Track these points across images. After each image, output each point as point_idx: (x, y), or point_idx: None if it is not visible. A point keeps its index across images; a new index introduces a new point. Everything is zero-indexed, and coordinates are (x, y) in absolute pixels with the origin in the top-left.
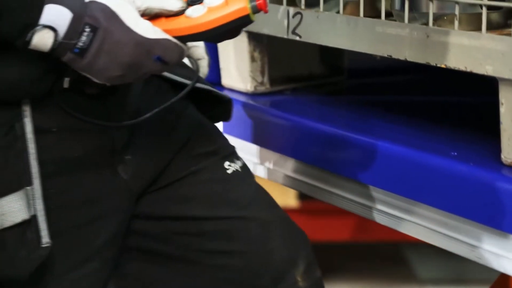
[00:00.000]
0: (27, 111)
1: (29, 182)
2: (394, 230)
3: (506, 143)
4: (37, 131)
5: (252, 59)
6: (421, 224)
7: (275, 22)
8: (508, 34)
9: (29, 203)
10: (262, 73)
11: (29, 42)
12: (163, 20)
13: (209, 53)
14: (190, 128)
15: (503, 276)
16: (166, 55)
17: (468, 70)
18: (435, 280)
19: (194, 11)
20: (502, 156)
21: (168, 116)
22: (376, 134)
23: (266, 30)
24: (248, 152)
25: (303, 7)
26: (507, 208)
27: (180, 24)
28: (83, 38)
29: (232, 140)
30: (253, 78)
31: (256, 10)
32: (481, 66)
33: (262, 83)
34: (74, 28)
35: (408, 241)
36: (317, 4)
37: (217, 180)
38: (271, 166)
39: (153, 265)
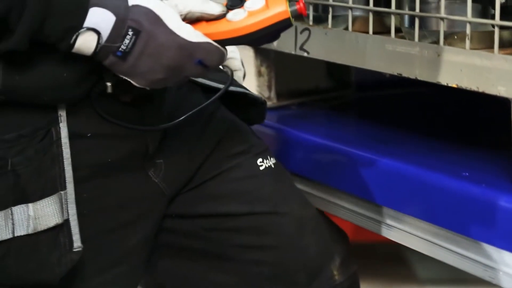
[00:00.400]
0: (63, 116)
1: (63, 187)
2: None
3: None
4: (72, 136)
5: (259, 74)
6: (434, 242)
7: (282, 38)
8: None
9: (62, 207)
10: (269, 87)
11: (72, 45)
12: (204, 23)
13: None
14: (222, 129)
15: None
16: (208, 58)
17: (480, 90)
18: (435, 280)
19: (235, 15)
20: None
21: (200, 119)
22: (385, 151)
23: (273, 46)
24: None
25: (311, 23)
26: None
27: (221, 28)
28: (126, 41)
29: None
30: (260, 93)
31: (296, 13)
32: (493, 87)
33: (269, 98)
34: (118, 31)
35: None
36: (325, 20)
37: (250, 177)
38: None
39: (187, 262)
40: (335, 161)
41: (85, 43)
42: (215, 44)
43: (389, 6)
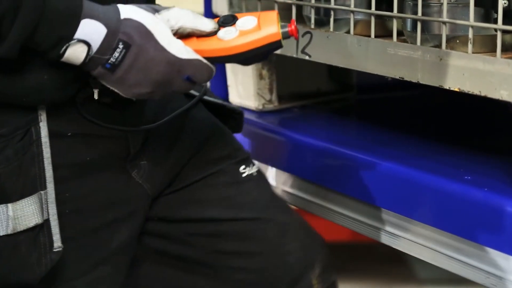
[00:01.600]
0: (43, 116)
1: (43, 186)
2: None
3: None
4: (52, 135)
5: (260, 76)
6: (434, 249)
7: (284, 41)
8: None
9: (42, 207)
10: (271, 90)
11: (62, 55)
12: (194, 39)
13: (217, 69)
14: (205, 132)
15: None
16: (196, 75)
17: (483, 94)
18: (435, 280)
19: (226, 33)
20: None
21: (182, 122)
22: (386, 154)
23: None
24: None
25: (312, 26)
26: None
27: (211, 45)
28: (116, 54)
29: None
30: (261, 96)
31: (287, 35)
32: (495, 91)
33: (270, 101)
34: (108, 43)
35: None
36: (327, 24)
37: (233, 183)
38: (280, 185)
39: (168, 267)
40: (336, 164)
41: (75, 53)
42: (205, 61)
43: (391, 10)
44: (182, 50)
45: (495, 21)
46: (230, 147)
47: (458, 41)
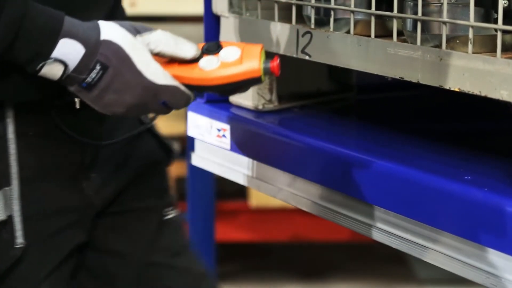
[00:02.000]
0: (10, 112)
1: (8, 183)
2: None
3: None
4: (17, 133)
5: None
6: (434, 249)
7: (284, 41)
8: None
9: (7, 203)
10: (270, 90)
11: (38, 70)
12: (176, 65)
13: None
14: (146, 166)
15: None
16: (172, 101)
17: (483, 94)
18: (434, 280)
19: (207, 63)
20: None
21: (133, 147)
22: (386, 155)
23: (275, 49)
24: (255, 171)
25: (312, 26)
26: None
27: (191, 74)
28: (93, 74)
29: (240, 158)
30: (261, 96)
31: (268, 71)
32: (496, 90)
33: (270, 101)
34: (85, 64)
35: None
36: (327, 23)
37: (155, 224)
38: (279, 185)
39: None
40: (337, 164)
41: (51, 71)
42: (182, 88)
43: (391, 10)
44: (159, 76)
45: (495, 21)
46: (162, 188)
47: (458, 41)
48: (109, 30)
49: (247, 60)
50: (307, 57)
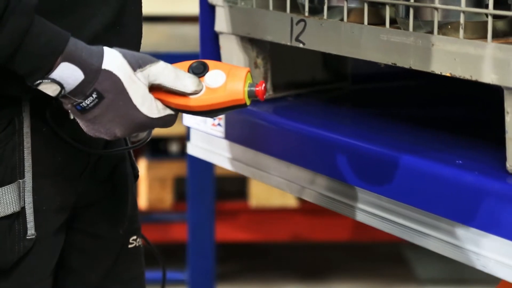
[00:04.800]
0: (26, 107)
1: (22, 175)
2: None
3: (511, 152)
4: (32, 127)
5: (255, 65)
6: (425, 232)
7: (278, 29)
8: None
9: (20, 195)
10: (265, 79)
11: (36, 85)
12: (162, 90)
13: (212, 57)
14: (122, 188)
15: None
16: (163, 126)
17: (474, 79)
18: (435, 280)
19: None
20: (508, 165)
21: (118, 163)
22: (380, 141)
23: (269, 37)
24: (250, 159)
25: (306, 14)
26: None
27: (178, 100)
28: (87, 101)
29: (235, 146)
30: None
31: (253, 95)
32: (486, 75)
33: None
34: (82, 89)
35: (408, 241)
36: (321, 11)
37: (116, 252)
38: (274, 172)
39: None
40: (330, 151)
41: (48, 89)
42: (175, 115)
43: None
44: (153, 110)
45: (487, 7)
46: (132, 213)
47: (450, 26)
48: (112, 60)
49: (231, 85)
50: (301, 45)
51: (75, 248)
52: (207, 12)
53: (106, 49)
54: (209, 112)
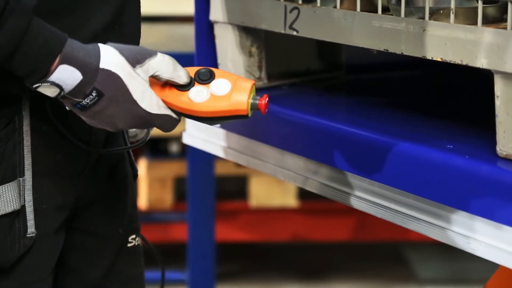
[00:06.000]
0: (26, 105)
1: (22, 173)
2: (394, 230)
3: (502, 136)
4: (32, 126)
5: (250, 54)
6: (416, 217)
7: (272, 17)
8: (504, 28)
9: (20, 194)
10: (260, 68)
11: (35, 87)
12: (167, 90)
13: (207, 47)
14: (122, 188)
15: (501, 271)
16: (163, 126)
17: (464, 63)
18: (435, 280)
19: (197, 95)
20: (498, 149)
21: (116, 162)
22: (373, 128)
23: (263, 25)
24: (246, 148)
25: (300, 2)
26: (502, 200)
27: (180, 103)
28: (87, 100)
29: (231, 135)
30: (251, 73)
31: (256, 107)
32: (476, 59)
33: (259, 78)
34: (81, 89)
35: (408, 241)
36: None
37: (115, 251)
38: (269, 161)
39: None
40: (324, 138)
41: (47, 91)
42: (174, 116)
43: None
44: (153, 106)
45: None
46: (131, 213)
47: (442, 12)
48: (109, 58)
49: (236, 96)
50: (294, 33)
51: (74, 247)
52: (202, 1)
53: (101, 46)
54: (211, 119)
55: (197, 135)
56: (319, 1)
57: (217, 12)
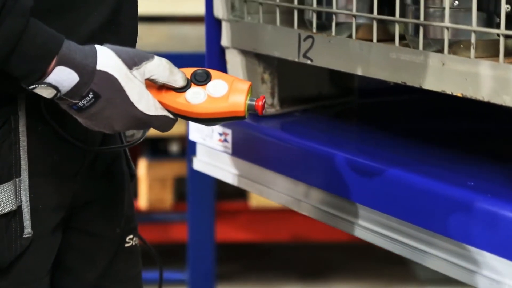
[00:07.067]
0: (22, 105)
1: (18, 174)
2: None
3: None
4: (27, 126)
5: (262, 80)
6: (434, 254)
7: (286, 45)
8: None
9: (16, 194)
10: (272, 94)
11: (32, 88)
12: (163, 92)
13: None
14: (118, 187)
15: None
16: (160, 127)
17: (486, 100)
18: (435, 280)
19: (194, 96)
20: None
21: (112, 161)
22: (388, 159)
23: (277, 53)
24: (257, 175)
25: (314, 30)
26: None
27: (177, 105)
28: (84, 101)
29: (241, 162)
30: None
31: (253, 109)
32: (498, 96)
33: (272, 105)
34: (78, 91)
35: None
36: (329, 28)
37: (113, 251)
38: (280, 190)
39: None
40: (338, 169)
41: (43, 92)
42: (171, 117)
43: (393, 14)
44: (150, 107)
45: (498, 26)
46: (128, 213)
47: (461, 45)
48: (106, 60)
49: (233, 97)
50: (309, 62)
51: (71, 247)
52: (213, 26)
53: (98, 48)
54: (208, 120)
55: (207, 161)
56: (334, 30)
57: (228, 38)
